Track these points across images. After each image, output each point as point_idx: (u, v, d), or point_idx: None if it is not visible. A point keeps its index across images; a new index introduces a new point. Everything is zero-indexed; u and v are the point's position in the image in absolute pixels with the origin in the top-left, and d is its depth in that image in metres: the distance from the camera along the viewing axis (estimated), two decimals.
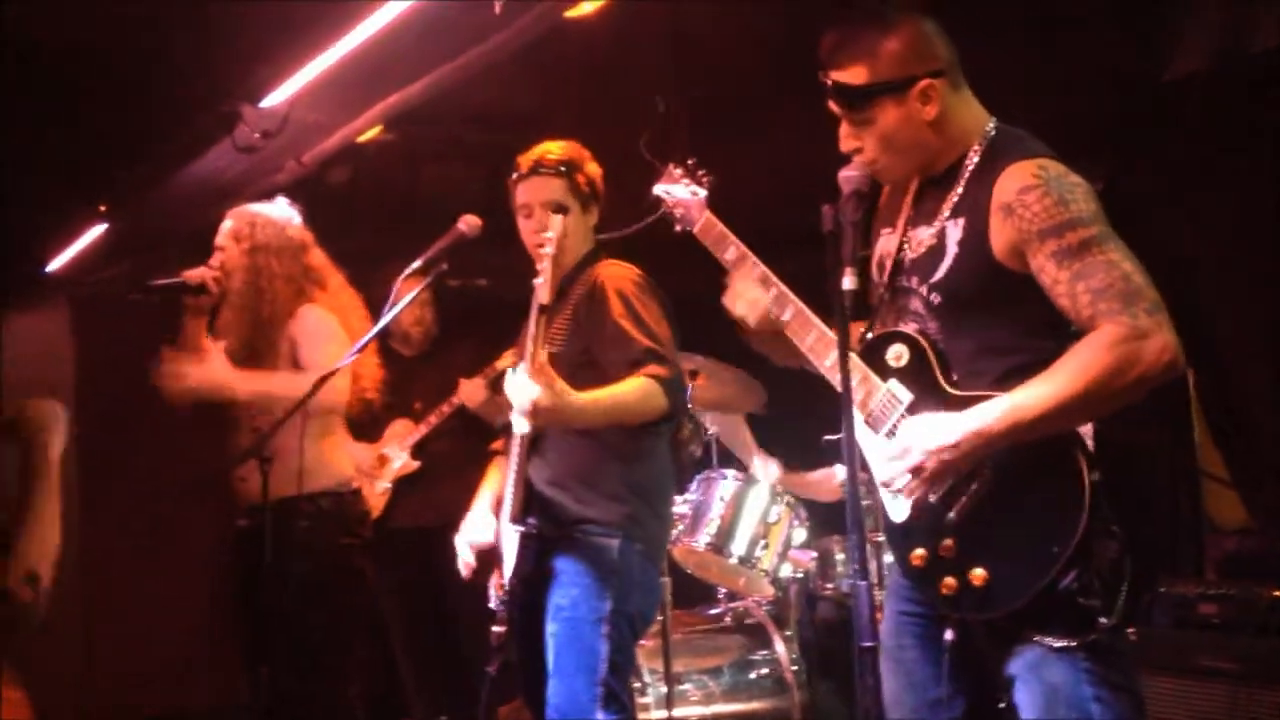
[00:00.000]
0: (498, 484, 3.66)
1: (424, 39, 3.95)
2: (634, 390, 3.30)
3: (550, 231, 3.26)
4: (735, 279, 2.88)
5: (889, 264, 2.69)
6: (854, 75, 2.55)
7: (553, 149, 3.61)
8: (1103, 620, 2.33)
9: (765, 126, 4.99)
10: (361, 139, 4.92)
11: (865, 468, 2.62)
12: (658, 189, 3.02)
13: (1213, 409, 4.86)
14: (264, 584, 3.78)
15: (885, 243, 2.74)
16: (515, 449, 3.39)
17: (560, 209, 3.37)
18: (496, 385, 5.46)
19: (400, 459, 5.39)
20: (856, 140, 2.60)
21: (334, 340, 4.09)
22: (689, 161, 2.97)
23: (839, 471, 5.12)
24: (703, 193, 3.00)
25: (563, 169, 3.57)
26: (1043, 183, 2.39)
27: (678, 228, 2.96)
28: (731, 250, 2.88)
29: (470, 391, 5.29)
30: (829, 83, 2.59)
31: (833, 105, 2.61)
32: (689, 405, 4.96)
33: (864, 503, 3.58)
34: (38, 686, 5.54)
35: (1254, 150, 4.59)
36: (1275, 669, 3.78)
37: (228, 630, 4.36)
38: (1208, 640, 3.97)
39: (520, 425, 3.20)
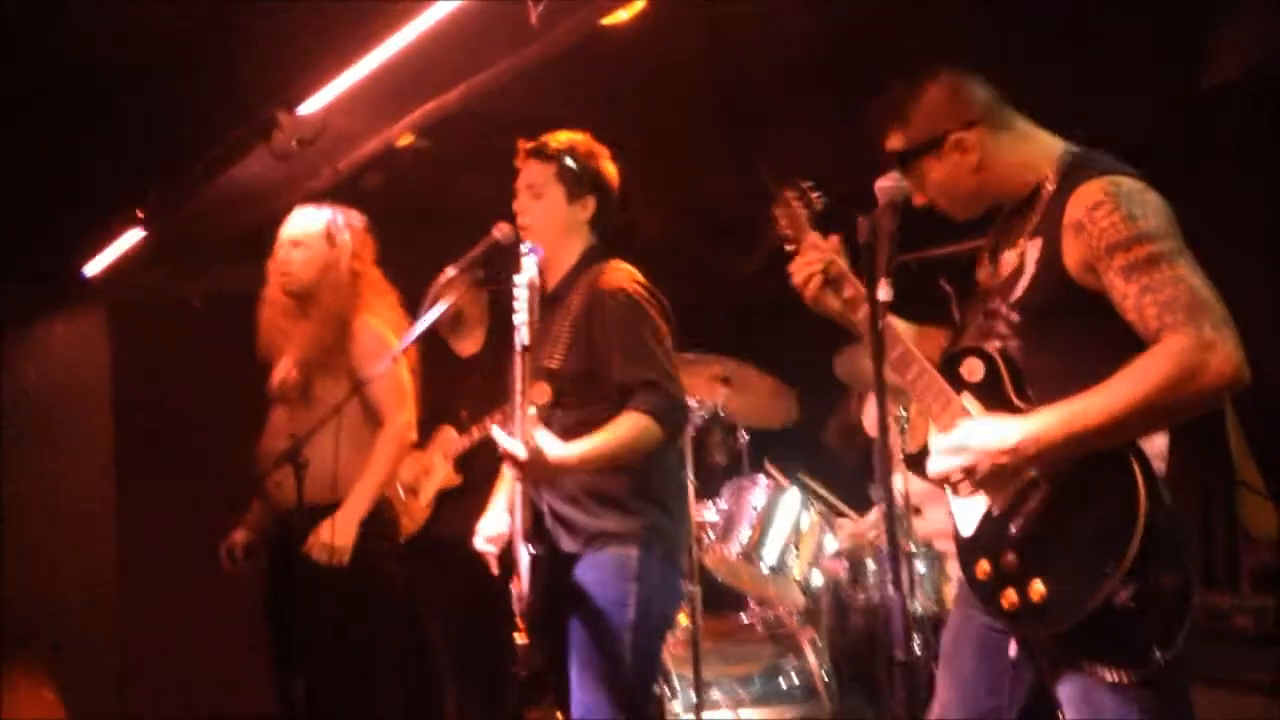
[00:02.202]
0: (510, 489, 3.65)
1: (460, 47, 3.95)
2: (627, 431, 3.29)
3: (523, 275, 3.24)
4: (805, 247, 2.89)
5: (980, 288, 2.75)
6: (894, 141, 2.69)
7: (559, 136, 3.61)
8: (1161, 655, 2.31)
9: (802, 135, 4.99)
10: (396, 145, 4.93)
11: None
12: (777, 212, 3.01)
13: (1249, 418, 4.83)
14: (298, 590, 3.80)
15: (980, 273, 2.80)
16: None
17: (535, 250, 3.34)
18: None
19: (442, 471, 5.39)
20: (922, 194, 2.71)
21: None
22: (805, 184, 2.98)
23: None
24: (812, 212, 2.98)
25: (555, 155, 3.56)
26: (1112, 198, 2.41)
27: (789, 247, 2.97)
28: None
29: None
30: (880, 148, 2.72)
31: (893, 168, 2.71)
32: (720, 413, 4.97)
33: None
34: (74, 695, 5.62)
35: None
36: None
37: (262, 638, 4.38)
38: (1242, 653, 3.95)
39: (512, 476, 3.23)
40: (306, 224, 4.30)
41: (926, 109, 2.64)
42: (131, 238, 5.80)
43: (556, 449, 3.18)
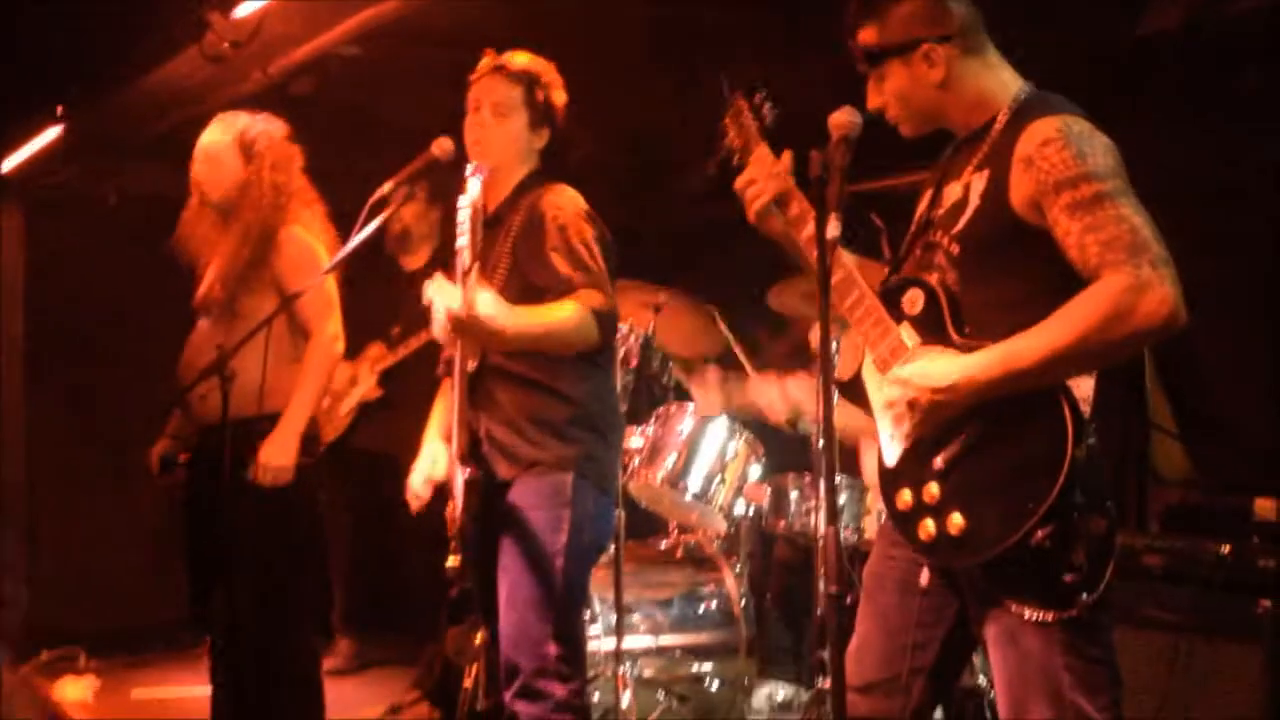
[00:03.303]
0: (445, 416, 3.62)
1: None
2: (569, 317, 3.26)
3: (467, 197, 3.17)
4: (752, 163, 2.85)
5: (921, 220, 2.74)
6: (867, 36, 2.68)
7: (521, 56, 3.54)
8: (1084, 596, 2.37)
9: (751, 65, 4.95)
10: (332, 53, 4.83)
11: (869, 410, 2.68)
12: (727, 121, 2.97)
13: (1164, 360, 4.92)
14: (222, 503, 3.76)
15: (921, 205, 2.79)
16: (457, 386, 3.35)
17: (480, 169, 3.26)
18: None
19: (366, 383, 5.36)
20: (879, 97, 2.71)
21: (318, 266, 4.05)
22: (756, 95, 2.94)
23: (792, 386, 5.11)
24: (762, 123, 2.94)
25: (522, 77, 3.50)
26: (1063, 136, 2.42)
27: (735, 161, 2.93)
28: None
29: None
30: (852, 43, 2.71)
31: (857, 64, 2.72)
32: (651, 340, 4.96)
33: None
34: None
35: (1225, 111, 4.62)
36: (1216, 622, 3.86)
37: (176, 549, 4.33)
38: (1150, 591, 4.04)
39: (440, 330, 3.15)
40: (220, 134, 4.17)
41: (905, 11, 2.63)
42: (49, 134, 5.65)
43: (496, 308, 3.10)
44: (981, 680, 4.28)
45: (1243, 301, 4.65)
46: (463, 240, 3.11)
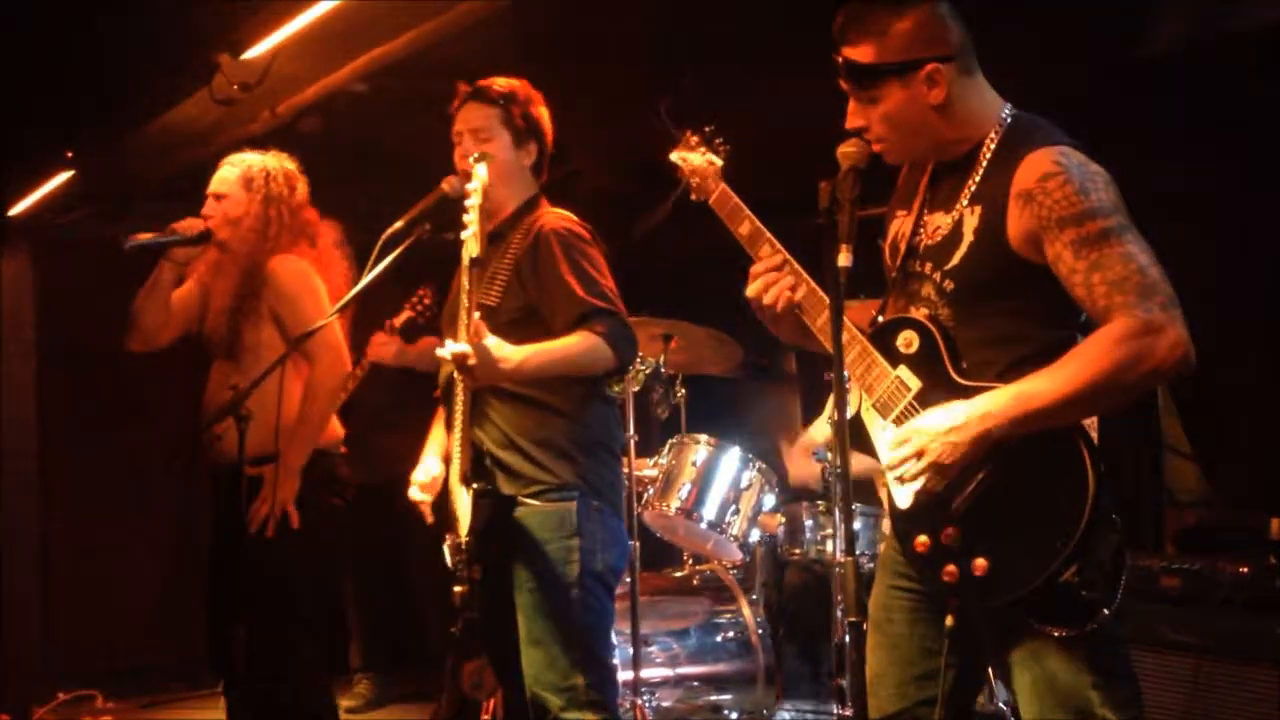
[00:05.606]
0: (444, 436, 3.58)
1: None
2: (579, 345, 3.26)
3: (475, 181, 3.16)
4: (759, 266, 2.76)
5: (902, 247, 2.67)
6: (862, 53, 2.53)
7: (497, 81, 3.55)
8: (1105, 611, 2.35)
9: (754, 93, 4.97)
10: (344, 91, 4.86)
11: (873, 452, 2.63)
12: (674, 156, 2.94)
13: (1176, 380, 4.92)
14: (242, 545, 3.76)
15: (899, 225, 2.73)
16: (459, 408, 3.32)
17: (484, 157, 3.26)
18: (407, 335, 5.45)
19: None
20: (862, 118, 2.59)
21: (314, 294, 4.06)
22: (706, 129, 2.91)
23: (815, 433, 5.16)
24: (719, 162, 2.91)
25: (499, 100, 3.51)
26: (1063, 170, 2.38)
27: (693, 197, 2.90)
28: (745, 225, 2.80)
29: (379, 349, 5.31)
30: (839, 59, 2.57)
31: (841, 82, 2.60)
32: (661, 370, 4.97)
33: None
34: None
35: (1227, 127, 4.63)
36: (1235, 643, 3.85)
37: (195, 586, 4.32)
38: (1169, 613, 4.03)
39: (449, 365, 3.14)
40: (227, 174, 4.19)
41: (909, 29, 2.49)
42: (60, 178, 5.68)
43: (504, 349, 3.10)
44: (1001, 704, 4.27)
45: (1252, 319, 4.65)
46: (469, 231, 3.10)
